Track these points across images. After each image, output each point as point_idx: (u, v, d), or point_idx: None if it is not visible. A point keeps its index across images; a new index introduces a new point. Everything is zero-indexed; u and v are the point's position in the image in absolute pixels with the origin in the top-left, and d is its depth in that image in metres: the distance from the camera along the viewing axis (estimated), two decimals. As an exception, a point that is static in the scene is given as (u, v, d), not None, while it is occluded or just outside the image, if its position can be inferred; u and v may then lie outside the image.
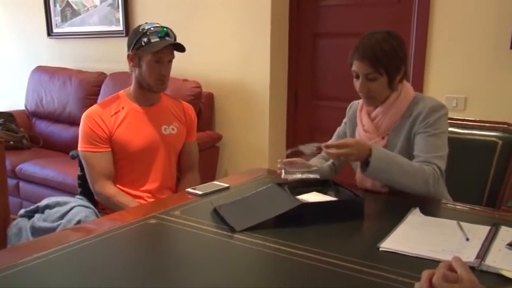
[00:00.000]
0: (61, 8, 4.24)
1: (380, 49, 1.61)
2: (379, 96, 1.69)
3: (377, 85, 1.65)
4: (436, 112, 1.65)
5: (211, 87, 3.40)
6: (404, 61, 1.67)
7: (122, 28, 3.81)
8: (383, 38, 1.62)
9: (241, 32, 3.25)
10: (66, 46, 4.30)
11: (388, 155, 1.58)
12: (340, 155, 1.55)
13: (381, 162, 1.55)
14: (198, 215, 1.47)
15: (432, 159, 1.61)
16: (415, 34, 2.78)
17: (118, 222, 1.45)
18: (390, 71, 1.63)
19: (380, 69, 1.62)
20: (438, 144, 1.64)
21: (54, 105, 3.99)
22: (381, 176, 1.59)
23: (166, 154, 2.04)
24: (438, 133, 1.64)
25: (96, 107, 2.04)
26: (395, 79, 1.66)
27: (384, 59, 1.61)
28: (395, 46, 1.62)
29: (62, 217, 1.78)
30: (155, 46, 1.92)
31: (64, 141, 3.87)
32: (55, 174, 3.35)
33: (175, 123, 2.10)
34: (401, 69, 1.66)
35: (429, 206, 1.57)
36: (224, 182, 1.81)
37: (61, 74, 4.02)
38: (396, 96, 1.70)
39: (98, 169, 1.96)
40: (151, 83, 1.99)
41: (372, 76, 1.63)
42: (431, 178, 1.57)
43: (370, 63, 1.61)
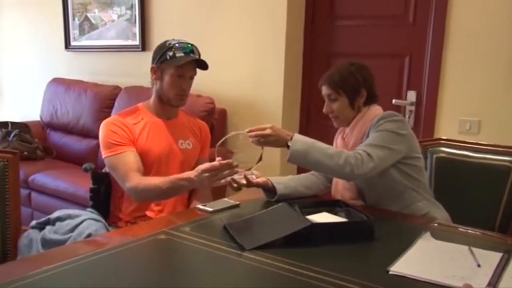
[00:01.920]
0: (79, 22, 4.32)
1: (337, 73, 1.82)
2: (341, 115, 1.84)
3: (339, 105, 1.82)
4: (385, 118, 1.73)
5: (224, 103, 3.41)
6: (365, 85, 1.81)
7: (139, 43, 3.86)
8: (343, 66, 1.85)
9: (256, 49, 3.28)
10: (82, 59, 4.35)
11: (308, 139, 1.68)
12: (258, 136, 1.66)
13: (302, 145, 1.64)
14: (208, 232, 1.47)
15: (361, 147, 1.69)
16: (429, 56, 2.78)
17: (128, 237, 1.46)
18: (348, 92, 1.81)
19: (338, 90, 1.81)
20: (377, 138, 1.70)
21: (69, 117, 4.03)
22: (303, 159, 1.65)
23: (180, 168, 2.04)
24: (380, 130, 1.71)
25: (115, 116, 2.05)
26: (355, 100, 1.82)
27: (340, 80, 1.81)
28: (352, 71, 1.82)
29: (72, 230, 1.79)
30: (180, 60, 1.94)
31: (77, 153, 3.90)
32: (66, 186, 3.37)
33: (191, 139, 2.12)
34: (361, 91, 1.81)
35: (440, 230, 1.56)
36: (235, 200, 1.82)
37: (76, 86, 4.07)
38: (362, 115, 1.83)
39: (126, 167, 1.91)
40: (170, 97, 2.01)
41: (333, 97, 1.83)
42: (353, 159, 1.62)
43: (329, 85, 1.82)
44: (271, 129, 1.67)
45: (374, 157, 1.64)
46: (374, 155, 1.64)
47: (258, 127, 1.69)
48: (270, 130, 1.67)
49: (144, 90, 3.13)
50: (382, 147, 1.67)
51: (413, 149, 1.77)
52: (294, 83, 3.30)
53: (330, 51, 3.23)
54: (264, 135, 1.68)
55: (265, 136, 1.68)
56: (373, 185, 1.77)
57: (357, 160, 1.62)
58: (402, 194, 1.77)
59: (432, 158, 2.08)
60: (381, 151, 1.66)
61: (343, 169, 1.62)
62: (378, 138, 1.69)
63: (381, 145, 1.68)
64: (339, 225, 1.49)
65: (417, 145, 1.82)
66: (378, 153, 1.66)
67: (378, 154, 1.65)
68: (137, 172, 1.91)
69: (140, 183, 1.88)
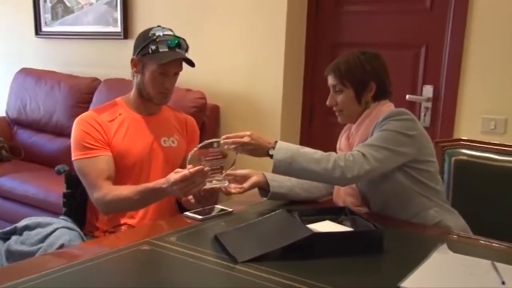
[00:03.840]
0: (51, 4, 4.30)
1: (345, 62, 1.84)
2: (346, 109, 1.86)
3: (343, 98, 1.85)
4: (390, 118, 1.74)
5: (216, 98, 3.43)
6: (375, 77, 1.82)
7: (120, 30, 3.86)
8: (352, 54, 1.86)
9: (252, 39, 3.29)
10: (55, 47, 4.35)
11: (292, 145, 1.71)
12: (235, 143, 1.69)
13: (285, 152, 1.66)
14: (197, 243, 1.48)
15: (357, 147, 1.71)
16: (448, 46, 2.80)
17: (106, 248, 1.46)
18: (355, 84, 1.83)
19: (344, 81, 1.83)
20: (379, 137, 1.71)
21: (40, 113, 4.03)
22: (288, 168, 1.67)
23: (164, 169, 2.06)
24: (384, 130, 1.72)
25: (90, 112, 2.08)
26: (362, 94, 1.84)
27: (347, 70, 1.83)
28: (362, 60, 1.83)
29: (43, 240, 1.79)
30: (162, 57, 1.95)
31: (49, 153, 3.90)
32: (36, 191, 3.37)
33: (175, 136, 2.13)
34: (369, 84, 1.83)
35: (459, 242, 1.57)
36: (228, 206, 1.83)
37: (49, 78, 4.07)
38: (369, 112, 1.84)
39: (95, 174, 1.94)
40: (152, 95, 2.03)
41: (338, 88, 1.85)
42: (342, 161, 1.64)
43: (335, 74, 1.85)
44: (249, 137, 1.71)
45: (370, 158, 1.65)
46: (369, 156, 1.66)
47: (236, 134, 1.72)
48: (249, 138, 1.70)
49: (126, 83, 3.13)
50: (381, 147, 1.68)
51: (424, 152, 1.78)
52: (295, 76, 3.31)
53: (336, 40, 3.24)
54: (242, 143, 1.70)
55: (243, 144, 1.70)
56: (377, 190, 1.78)
57: (347, 162, 1.64)
58: (411, 200, 1.78)
59: (451, 161, 2.09)
60: (379, 152, 1.67)
61: (332, 174, 1.63)
62: (380, 138, 1.71)
63: (381, 145, 1.69)
64: (344, 235, 1.50)
65: (430, 148, 1.82)
66: (375, 154, 1.67)
67: (374, 155, 1.66)
68: (107, 180, 1.94)
69: (108, 193, 1.90)
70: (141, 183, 1.97)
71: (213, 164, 1.76)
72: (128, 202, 1.90)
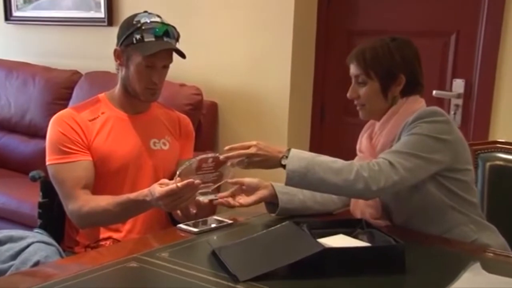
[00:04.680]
0: (24, -15, 4.33)
1: (371, 49, 1.82)
2: (369, 104, 1.85)
3: (367, 91, 1.83)
4: (422, 118, 1.74)
5: (214, 95, 3.44)
6: (406, 68, 1.81)
7: (104, 15, 3.87)
8: (381, 40, 1.85)
9: (255, 26, 3.30)
10: (29, 35, 4.37)
11: (307, 153, 1.70)
12: (241, 156, 1.69)
13: (299, 162, 1.65)
14: (192, 259, 1.50)
15: (383, 154, 1.71)
16: (483, 34, 2.80)
17: (87, 265, 1.48)
18: (381, 75, 1.81)
19: (369, 71, 1.81)
20: (408, 143, 1.71)
21: (10, 111, 4.04)
22: (304, 179, 1.65)
23: (154, 175, 2.08)
24: (414, 133, 1.72)
25: (69, 110, 2.09)
26: (389, 87, 1.82)
27: (373, 59, 1.81)
28: (391, 48, 1.82)
29: (15, 257, 1.80)
30: (147, 48, 1.97)
31: (22, 157, 3.90)
32: (7, 200, 3.38)
33: (167, 137, 2.15)
34: (398, 76, 1.81)
35: (494, 261, 1.57)
36: (227, 218, 1.84)
37: (21, 70, 4.08)
38: (396, 109, 1.83)
39: (71, 182, 1.96)
40: (138, 90, 2.04)
41: (362, 79, 1.83)
42: (366, 171, 1.63)
43: (358, 63, 1.83)
44: (256, 147, 1.71)
45: (399, 167, 1.65)
46: (398, 165, 1.65)
47: (240, 145, 1.72)
48: (255, 148, 1.70)
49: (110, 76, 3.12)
50: (412, 155, 1.68)
51: (460, 159, 1.78)
52: (305, 70, 3.32)
53: (351, 28, 3.26)
54: (249, 155, 1.70)
55: (250, 156, 1.70)
56: (404, 202, 1.79)
57: (372, 173, 1.63)
58: (442, 215, 1.78)
59: (485, 167, 2.10)
60: (409, 161, 1.67)
61: (354, 186, 1.63)
62: (409, 144, 1.71)
63: (412, 152, 1.68)
64: (360, 250, 1.51)
65: (467, 154, 1.82)
66: (405, 163, 1.66)
67: (404, 164, 1.66)
68: (84, 189, 1.96)
69: (84, 205, 1.93)
70: (126, 191, 1.99)
71: (205, 177, 1.78)
72: (107, 215, 1.92)
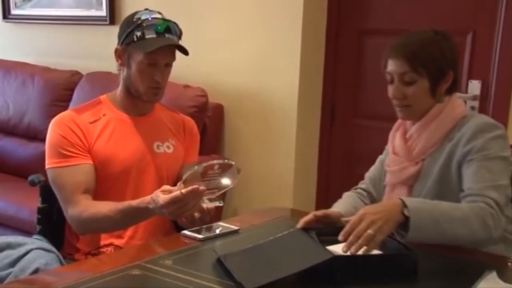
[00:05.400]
0: (23, -18, 4.35)
1: (420, 44, 1.75)
2: (416, 105, 1.79)
3: (415, 90, 1.76)
4: (485, 133, 1.72)
5: (220, 96, 3.45)
6: (453, 65, 1.78)
7: (106, 14, 3.89)
8: (427, 34, 1.77)
9: (262, 26, 3.30)
10: (28, 34, 4.39)
11: (425, 203, 1.62)
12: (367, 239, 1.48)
13: (421, 214, 1.56)
14: (197, 266, 1.51)
15: (485, 190, 1.65)
16: (501, 33, 2.80)
17: (88, 273, 1.48)
18: (432, 73, 1.75)
19: (419, 69, 1.74)
20: (493, 171, 1.68)
21: (8, 113, 4.05)
22: (427, 233, 1.57)
23: (158, 179, 2.09)
24: (491, 158, 1.69)
25: (69, 112, 2.11)
26: (439, 85, 1.77)
27: (424, 56, 1.74)
28: (441, 45, 1.77)
29: (13, 264, 1.81)
30: (148, 45, 1.98)
31: (21, 161, 3.92)
32: (4, 206, 3.39)
33: (171, 140, 2.16)
34: (448, 74, 1.77)
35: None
36: (233, 224, 1.86)
37: (19, 71, 4.09)
38: (439, 110, 1.78)
39: (71, 187, 1.97)
40: (140, 90, 2.05)
41: (409, 78, 1.75)
42: (490, 218, 1.59)
43: (407, 60, 1.74)
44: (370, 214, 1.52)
45: (503, 204, 1.64)
46: (502, 203, 1.64)
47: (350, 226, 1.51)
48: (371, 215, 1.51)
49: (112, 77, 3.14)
50: (505, 187, 1.67)
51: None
52: (314, 70, 3.32)
53: (362, 27, 3.26)
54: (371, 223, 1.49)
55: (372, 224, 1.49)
56: None
57: (494, 219, 1.60)
58: None
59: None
60: (505, 192, 1.67)
61: (479, 236, 1.60)
62: (497, 172, 1.68)
63: (505, 184, 1.68)
64: (371, 258, 1.51)
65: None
66: (503, 198, 1.66)
67: (503, 199, 1.65)
68: (84, 194, 1.97)
69: (84, 210, 1.94)
70: (128, 195, 2.00)
71: (211, 184, 1.77)
72: (108, 222, 1.92)
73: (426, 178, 1.78)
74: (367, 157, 2.16)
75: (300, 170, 3.30)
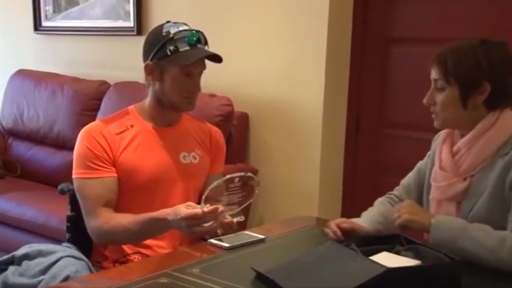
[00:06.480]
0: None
1: (455, 52, 1.75)
2: (444, 113, 1.77)
3: (444, 98, 1.75)
4: None
5: (245, 105, 3.46)
6: (492, 76, 1.70)
7: (133, 25, 3.93)
8: (469, 42, 1.75)
9: (287, 35, 3.31)
10: (58, 45, 4.44)
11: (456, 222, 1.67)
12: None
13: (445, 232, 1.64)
14: (223, 275, 1.52)
15: None
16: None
17: (117, 281, 1.51)
18: (462, 81, 1.72)
19: (448, 76, 1.73)
20: None
21: (39, 122, 4.10)
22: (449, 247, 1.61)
23: (184, 189, 2.11)
24: None
25: (97, 123, 2.14)
26: (470, 95, 1.72)
27: (455, 64, 1.72)
28: (477, 53, 1.71)
29: (45, 271, 1.84)
30: (187, 57, 2.00)
31: (50, 170, 3.95)
32: (34, 214, 3.42)
33: (197, 150, 2.18)
34: (482, 84, 1.71)
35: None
36: (259, 233, 1.86)
37: (50, 81, 4.14)
38: (490, 123, 1.72)
39: (93, 199, 2.01)
40: (177, 101, 2.07)
41: (440, 85, 1.76)
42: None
43: (439, 67, 1.75)
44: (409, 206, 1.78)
45: None
46: None
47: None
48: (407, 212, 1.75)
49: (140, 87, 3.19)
50: None
51: None
52: (339, 79, 3.32)
53: (389, 35, 3.24)
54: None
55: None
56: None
57: None
58: None
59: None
60: None
61: (506, 264, 1.57)
62: None
63: None
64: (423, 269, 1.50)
65: None
66: None
67: None
68: (106, 206, 2.00)
69: (106, 223, 1.97)
70: (156, 205, 2.01)
71: (231, 198, 1.80)
72: (126, 234, 1.96)
73: (476, 195, 1.72)
74: (393, 166, 2.14)
75: (325, 180, 3.30)
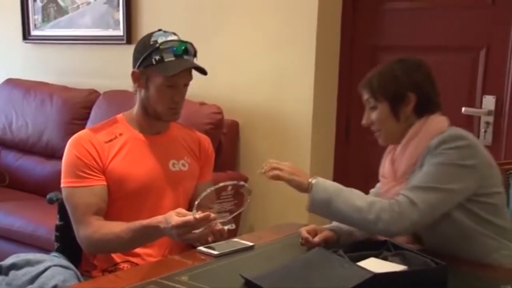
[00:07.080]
0: (42, 4, 4.38)
1: (377, 73, 1.90)
2: (384, 128, 1.90)
3: (378, 115, 1.88)
4: (446, 144, 1.75)
5: (235, 113, 3.46)
6: (412, 86, 1.84)
7: (123, 33, 3.93)
8: (389, 63, 1.92)
9: (277, 43, 3.32)
10: (47, 54, 4.44)
11: (334, 186, 1.81)
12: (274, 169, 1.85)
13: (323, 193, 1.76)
14: (212, 282, 1.52)
15: (408, 190, 1.72)
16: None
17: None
18: (389, 96, 1.86)
19: (376, 95, 1.87)
20: (425, 175, 1.73)
21: (28, 131, 4.08)
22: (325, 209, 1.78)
23: (173, 197, 2.11)
24: (441, 164, 1.73)
25: (86, 132, 2.14)
26: (399, 107, 1.85)
27: (378, 82, 1.88)
28: (395, 69, 1.88)
29: (32, 281, 1.83)
30: (170, 68, 2.00)
31: (39, 179, 3.94)
32: (23, 224, 3.40)
33: (186, 158, 2.18)
34: (406, 96, 1.84)
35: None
36: (248, 240, 1.86)
37: (39, 90, 4.13)
38: (418, 128, 1.84)
39: (83, 208, 2.01)
40: (160, 111, 2.08)
41: (372, 104, 1.89)
42: (387, 213, 1.67)
43: (366, 88, 1.90)
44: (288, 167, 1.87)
45: (420, 205, 1.68)
46: (420, 203, 1.68)
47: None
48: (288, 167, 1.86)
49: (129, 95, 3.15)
50: (434, 189, 1.71)
51: (487, 182, 1.79)
52: (328, 87, 3.33)
53: (377, 43, 3.26)
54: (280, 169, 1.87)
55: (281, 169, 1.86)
56: (432, 230, 1.80)
57: (392, 214, 1.68)
58: (472, 243, 1.79)
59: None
60: (431, 196, 1.70)
61: (374, 226, 1.70)
62: (431, 176, 1.74)
63: (433, 186, 1.71)
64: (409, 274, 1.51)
65: (495, 176, 1.84)
66: (427, 198, 1.70)
67: (426, 201, 1.69)
68: (95, 215, 2.00)
69: (96, 231, 1.97)
70: (146, 213, 2.01)
71: (222, 206, 1.80)
72: (117, 242, 1.96)
73: None
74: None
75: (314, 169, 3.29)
